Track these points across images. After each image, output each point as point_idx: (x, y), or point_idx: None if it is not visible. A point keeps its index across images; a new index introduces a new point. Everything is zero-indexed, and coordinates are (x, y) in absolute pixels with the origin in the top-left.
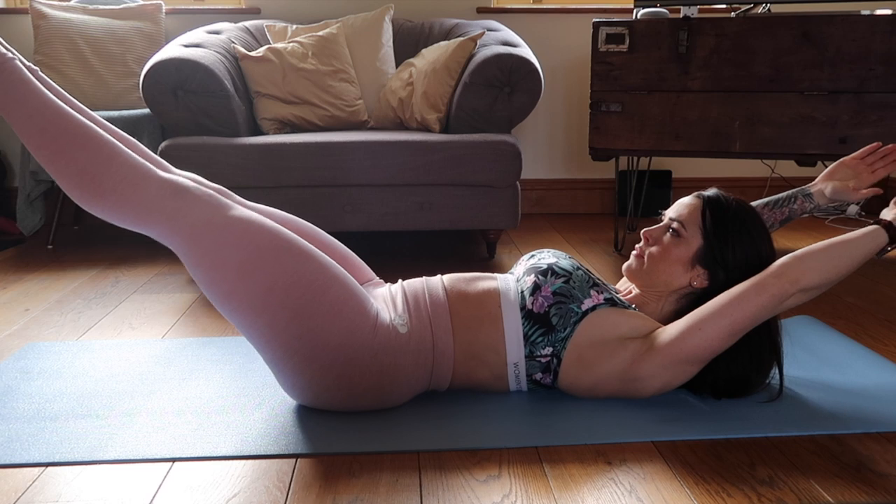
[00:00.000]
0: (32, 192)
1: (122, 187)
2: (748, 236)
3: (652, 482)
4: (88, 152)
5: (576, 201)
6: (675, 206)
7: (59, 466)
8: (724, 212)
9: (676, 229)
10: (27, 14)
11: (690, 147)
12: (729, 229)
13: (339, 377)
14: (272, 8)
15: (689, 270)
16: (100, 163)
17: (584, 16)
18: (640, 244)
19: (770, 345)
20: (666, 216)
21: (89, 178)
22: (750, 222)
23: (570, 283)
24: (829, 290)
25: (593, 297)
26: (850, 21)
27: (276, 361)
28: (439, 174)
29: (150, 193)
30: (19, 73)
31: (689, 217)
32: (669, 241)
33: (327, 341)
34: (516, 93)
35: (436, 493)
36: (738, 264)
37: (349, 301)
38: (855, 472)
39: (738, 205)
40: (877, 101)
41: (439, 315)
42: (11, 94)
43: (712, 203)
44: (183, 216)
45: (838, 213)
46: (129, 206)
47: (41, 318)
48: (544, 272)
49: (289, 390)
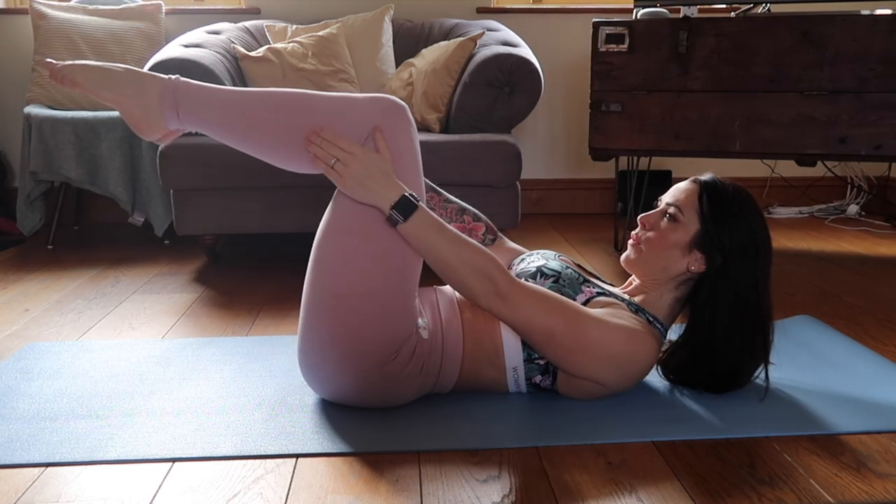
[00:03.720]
0: (32, 192)
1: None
2: (745, 220)
3: (652, 482)
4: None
5: (576, 201)
6: (671, 190)
7: (59, 466)
8: (721, 196)
9: (673, 214)
10: (27, 14)
11: (690, 147)
12: (726, 213)
13: (365, 379)
14: (272, 8)
15: (686, 255)
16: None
17: (584, 16)
18: (637, 230)
19: (761, 329)
20: (662, 201)
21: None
22: (746, 206)
23: (559, 283)
24: (829, 290)
25: (585, 293)
26: (850, 21)
27: (321, 349)
28: (439, 174)
29: (357, 116)
30: (189, 84)
31: (687, 201)
32: (667, 226)
33: (370, 347)
34: (516, 93)
35: (436, 493)
36: (734, 247)
37: (407, 313)
38: (855, 472)
39: (735, 189)
40: (877, 101)
41: (450, 321)
42: (203, 101)
43: (709, 187)
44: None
45: (838, 212)
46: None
47: (41, 318)
48: (533, 275)
49: (311, 378)
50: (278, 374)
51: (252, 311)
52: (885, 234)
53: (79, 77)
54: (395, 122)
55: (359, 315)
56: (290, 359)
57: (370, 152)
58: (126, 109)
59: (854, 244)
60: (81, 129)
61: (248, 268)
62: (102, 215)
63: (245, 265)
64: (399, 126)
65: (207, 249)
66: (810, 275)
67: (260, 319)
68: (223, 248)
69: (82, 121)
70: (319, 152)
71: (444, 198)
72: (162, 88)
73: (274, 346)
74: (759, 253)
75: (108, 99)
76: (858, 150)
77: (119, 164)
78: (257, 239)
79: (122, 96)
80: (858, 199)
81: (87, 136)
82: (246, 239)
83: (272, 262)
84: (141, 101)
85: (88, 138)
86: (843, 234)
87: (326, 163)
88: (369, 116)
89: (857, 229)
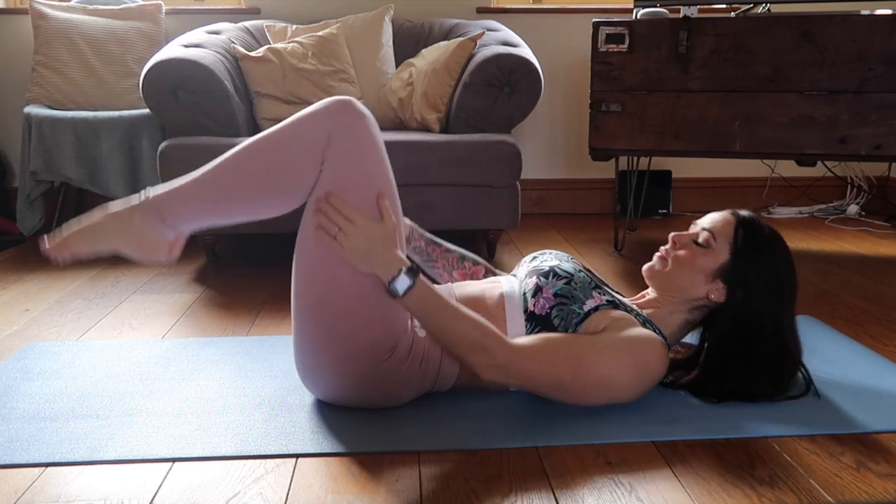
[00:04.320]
0: (32, 192)
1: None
2: (774, 262)
3: (652, 482)
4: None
5: (576, 201)
6: (707, 217)
7: (59, 466)
8: (756, 233)
9: (706, 239)
10: (27, 14)
11: (690, 147)
12: (757, 251)
13: (363, 379)
14: (272, 8)
15: (709, 282)
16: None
17: (584, 16)
18: (667, 246)
19: (791, 364)
20: (698, 225)
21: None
22: (778, 249)
23: (571, 285)
24: (829, 290)
25: (595, 298)
26: (850, 21)
27: (315, 353)
28: (439, 174)
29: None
30: (161, 193)
31: (722, 230)
32: (697, 250)
33: (364, 347)
34: (516, 93)
35: (436, 493)
36: (758, 287)
37: (399, 312)
38: (855, 472)
39: (771, 230)
40: (877, 101)
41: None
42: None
43: (746, 222)
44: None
45: (838, 212)
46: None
47: (41, 318)
48: (546, 274)
49: (309, 381)
50: (278, 374)
51: (252, 311)
52: (885, 234)
53: (72, 248)
54: (347, 121)
55: (347, 319)
56: (289, 359)
57: (372, 222)
58: (127, 248)
59: (854, 244)
60: (81, 129)
61: (248, 268)
62: None
63: (245, 265)
64: (352, 124)
65: (207, 249)
66: (810, 275)
67: (260, 319)
68: (223, 248)
69: (82, 121)
70: (324, 221)
71: (445, 248)
72: (141, 211)
73: (274, 346)
74: (783, 297)
75: (108, 250)
76: (858, 150)
77: (119, 164)
78: (257, 239)
79: (116, 241)
80: (858, 199)
81: (87, 136)
82: (246, 239)
83: (272, 262)
84: (133, 234)
85: (88, 138)
86: (843, 234)
87: (330, 233)
88: (321, 126)
89: (857, 229)
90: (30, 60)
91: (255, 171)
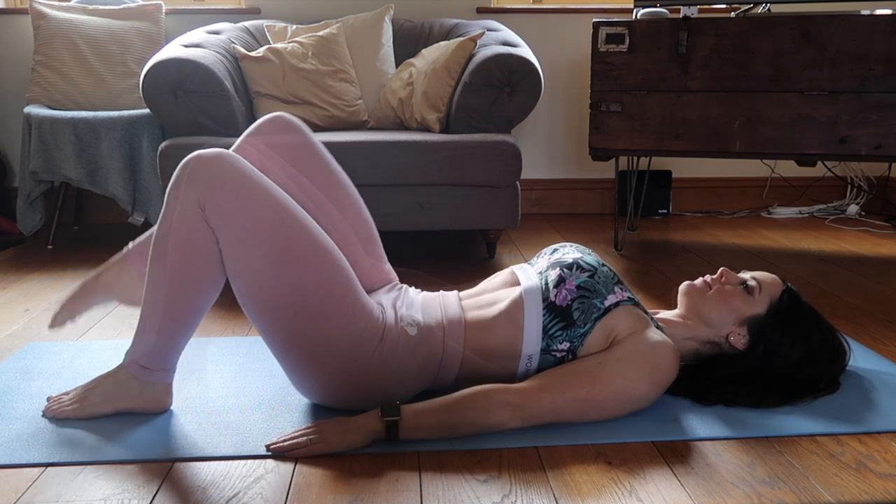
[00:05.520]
0: (32, 192)
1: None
2: (804, 341)
3: (652, 482)
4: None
5: (576, 201)
6: (759, 272)
7: (59, 466)
8: (799, 306)
9: (752, 287)
10: (27, 14)
11: (690, 147)
12: (795, 322)
13: (347, 380)
14: (272, 8)
15: (736, 325)
16: None
17: (584, 16)
18: (714, 277)
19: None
20: (748, 274)
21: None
22: (816, 329)
23: (594, 279)
24: (829, 290)
25: (617, 294)
26: (850, 21)
27: (287, 362)
28: (439, 174)
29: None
30: (132, 348)
31: (769, 287)
32: (741, 292)
33: (338, 347)
34: (516, 93)
35: (436, 493)
36: (782, 354)
37: (363, 308)
38: (855, 472)
39: (812, 309)
40: (877, 101)
41: (452, 319)
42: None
43: (793, 294)
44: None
45: (838, 212)
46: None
47: (41, 318)
48: (570, 266)
49: (299, 388)
50: (278, 374)
51: None
52: (885, 234)
53: (76, 415)
54: (207, 177)
55: (322, 320)
56: None
57: (326, 420)
58: (128, 408)
59: (854, 244)
60: (81, 129)
61: None
62: (102, 215)
63: None
64: (212, 178)
65: None
66: (810, 275)
67: None
68: None
69: (82, 121)
70: (291, 445)
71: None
72: (131, 373)
73: None
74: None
75: (111, 410)
76: (858, 150)
77: (119, 164)
78: None
79: (115, 403)
80: (858, 199)
81: (87, 136)
82: None
83: None
84: (127, 393)
85: (88, 138)
86: (843, 234)
87: (305, 447)
88: (189, 201)
89: (857, 229)
90: (30, 60)
91: (171, 286)
